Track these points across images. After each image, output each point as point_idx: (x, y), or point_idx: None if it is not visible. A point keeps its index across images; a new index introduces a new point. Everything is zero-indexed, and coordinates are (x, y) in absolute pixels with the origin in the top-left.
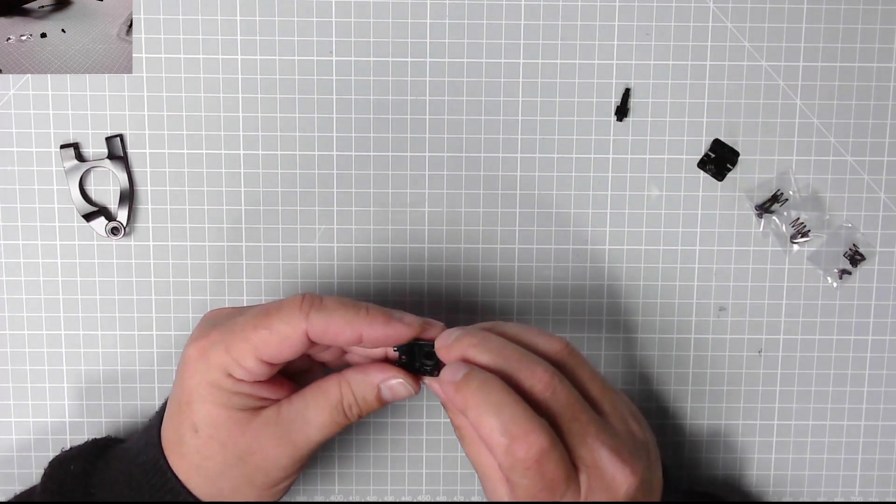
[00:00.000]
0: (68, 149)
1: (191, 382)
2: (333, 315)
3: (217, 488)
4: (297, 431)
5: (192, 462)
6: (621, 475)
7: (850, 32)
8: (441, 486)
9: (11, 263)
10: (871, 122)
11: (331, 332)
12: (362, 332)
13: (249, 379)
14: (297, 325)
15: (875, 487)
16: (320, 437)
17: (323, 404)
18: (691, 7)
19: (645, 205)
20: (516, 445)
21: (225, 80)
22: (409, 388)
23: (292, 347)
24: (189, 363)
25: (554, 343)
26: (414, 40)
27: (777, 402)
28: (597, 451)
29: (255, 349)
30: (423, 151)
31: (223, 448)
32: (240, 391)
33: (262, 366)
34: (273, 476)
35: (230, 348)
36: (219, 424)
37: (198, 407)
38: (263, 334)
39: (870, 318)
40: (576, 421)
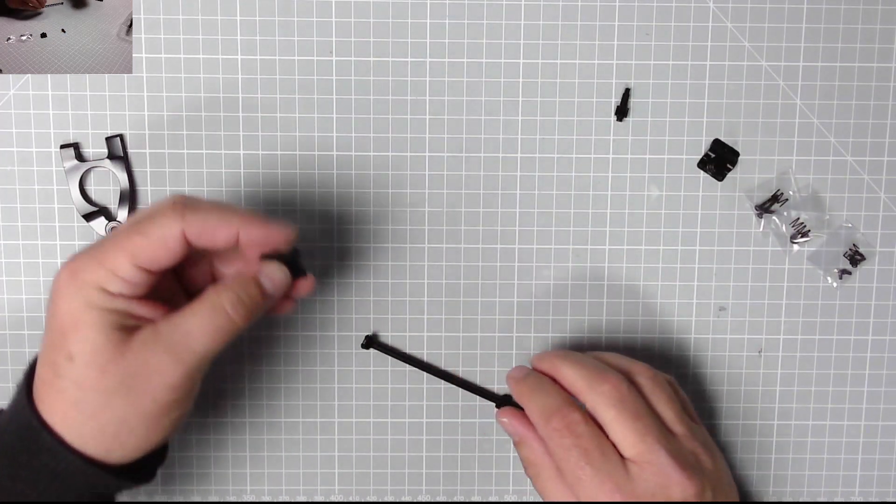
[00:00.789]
0: (68, 149)
1: (63, 308)
2: (210, 213)
3: (99, 424)
4: (180, 343)
5: (70, 398)
6: (678, 477)
7: (850, 32)
8: (441, 486)
9: (12, 263)
10: (871, 122)
11: (208, 231)
12: (239, 230)
13: (127, 291)
14: (173, 225)
15: (875, 487)
16: (204, 347)
17: (202, 310)
18: (691, 7)
19: (645, 205)
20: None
21: (225, 80)
22: (284, 270)
23: (170, 251)
24: (59, 289)
25: (637, 365)
26: (414, 40)
27: (777, 402)
28: (656, 451)
29: (131, 255)
30: (423, 151)
31: (102, 374)
32: (116, 308)
33: (139, 273)
34: (161, 399)
35: (103, 261)
36: (96, 348)
37: (71, 333)
38: (138, 240)
39: (870, 318)
40: (639, 420)
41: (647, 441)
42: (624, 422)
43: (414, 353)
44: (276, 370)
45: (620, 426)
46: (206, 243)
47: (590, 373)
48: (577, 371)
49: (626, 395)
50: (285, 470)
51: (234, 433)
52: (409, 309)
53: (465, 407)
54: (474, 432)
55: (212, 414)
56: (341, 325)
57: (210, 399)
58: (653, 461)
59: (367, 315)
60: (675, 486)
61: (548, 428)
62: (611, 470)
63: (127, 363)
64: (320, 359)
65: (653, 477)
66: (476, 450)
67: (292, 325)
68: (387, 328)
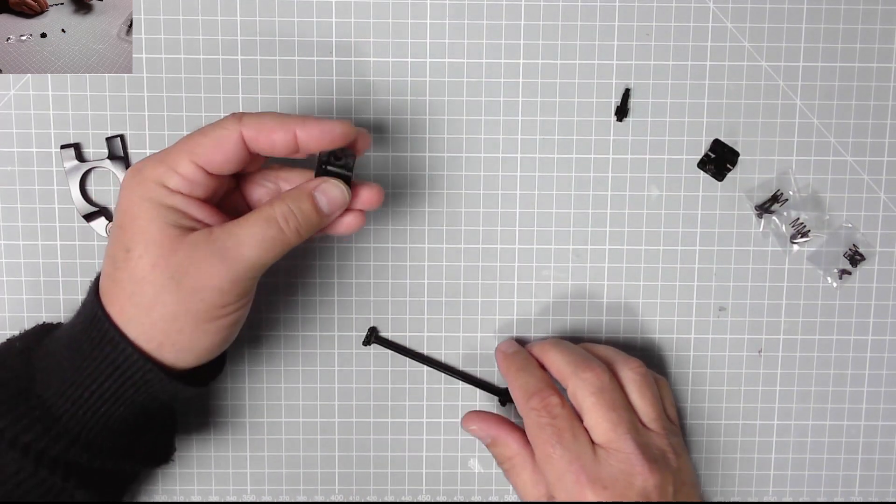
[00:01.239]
0: (69, 149)
1: (124, 203)
2: (266, 116)
3: (152, 319)
4: (230, 249)
5: (126, 290)
6: (641, 468)
7: (850, 32)
8: (441, 486)
9: (12, 263)
10: (871, 123)
11: (264, 133)
12: (296, 131)
13: (185, 189)
14: (231, 126)
15: (875, 487)
16: (254, 255)
17: (254, 219)
18: (691, 7)
19: (645, 205)
20: (533, 400)
21: (225, 81)
22: (342, 188)
23: (227, 151)
24: (124, 186)
25: (630, 361)
26: (414, 41)
27: (777, 402)
28: (625, 440)
29: (191, 153)
30: (424, 152)
31: (154, 267)
32: (173, 204)
33: (197, 171)
34: (209, 301)
35: (164, 158)
36: (149, 241)
37: (129, 225)
38: (198, 138)
39: (870, 318)
40: (614, 411)
41: (617, 431)
42: (599, 409)
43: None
44: (276, 370)
45: (595, 413)
46: (264, 146)
47: (575, 360)
48: (563, 357)
49: (606, 386)
50: (285, 470)
51: (235, 433)
52: (409, 309)
53: (466, 407)
54: None
55: (212, 414)
56: (341, 325)
57: (210, 399)
58: (620, 449)
59: (367, 315)
60: (638, 476)
61: (526, 406)
62: (580, 451)
63: (178, 259)
64: (320, 359)
65: (618, 464)
66: (476, 450)
67: (292, 325)
68: (387, 328)
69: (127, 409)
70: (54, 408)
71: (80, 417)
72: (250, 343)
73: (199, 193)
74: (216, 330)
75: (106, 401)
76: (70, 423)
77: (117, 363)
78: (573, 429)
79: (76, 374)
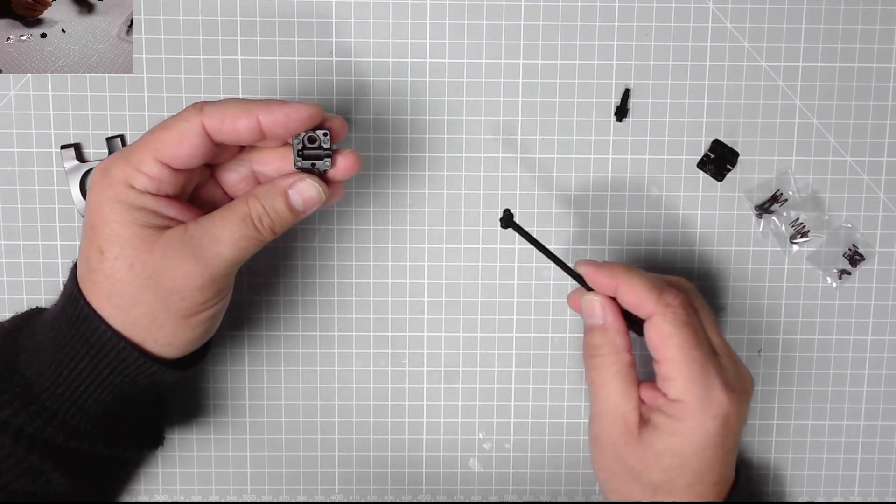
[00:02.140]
0: (69, 149)
1: (94, 203)
2: (228, 104)
3: (132, 318)
4: (207, 248)
5: (103, 291)
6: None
7: (849, 33)
8: (441, 486)
9: (12, 264)
10: (871, 123)
11: (227, 122)
12: (259, 117)
13: (152, 189)
14: (192, 119)
15: (874, 487)
16: (231, 254)
17: (230, 217)
18: (691, 8)
19: (645, 205)
20: (666, 294)
21: (225, 81)
22: (317, 187)
23: (191, 145)
24: (92, 186)
25: (684, 282)
26: (414, 41)
27: (777, 402)
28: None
29: (153, 150)
30: (423, 152)
31: (131, 269)
32: (143, 205)
33: (162, 169)
34: (189, 300)
35: (129, 157)
36: (124, 242)
37: (101, 227)
38: (161, 133)
39: (869, 319)
40: (714, 323)
41: (723, 337)
42: (711, 317)
43: (414, 353)
44: (276, 370)
45: (708, 320)
46: (228, 135)
47: (656, 284)
48: (642, 282)
49: (690, 313)
50: (285, 470)
51: (235, 433)
52: (410, 309)
53: (466, 406)
54: (474, 432)
55: (212, 414)
56: (341, 326)
57: (211, 399)
58: (731, 354)
59: (367, 315)
60: (748, 380)
61: (661, 302)
62: (713, 355)
63: (155, 260)
64: (320, 358)
65: (733, 367)
66: (476, 449)
67: (292, 324)
68: (387, 328)
69: (107, 391)
70: (34, 385)
71: (58, 396)
72: (250, 343)
73: (168, 190)
74: (197, 324)
75: (83, 380)
76: (49, 401)
77: (91, 341)
78: (704, 329)
79: (56, 354)
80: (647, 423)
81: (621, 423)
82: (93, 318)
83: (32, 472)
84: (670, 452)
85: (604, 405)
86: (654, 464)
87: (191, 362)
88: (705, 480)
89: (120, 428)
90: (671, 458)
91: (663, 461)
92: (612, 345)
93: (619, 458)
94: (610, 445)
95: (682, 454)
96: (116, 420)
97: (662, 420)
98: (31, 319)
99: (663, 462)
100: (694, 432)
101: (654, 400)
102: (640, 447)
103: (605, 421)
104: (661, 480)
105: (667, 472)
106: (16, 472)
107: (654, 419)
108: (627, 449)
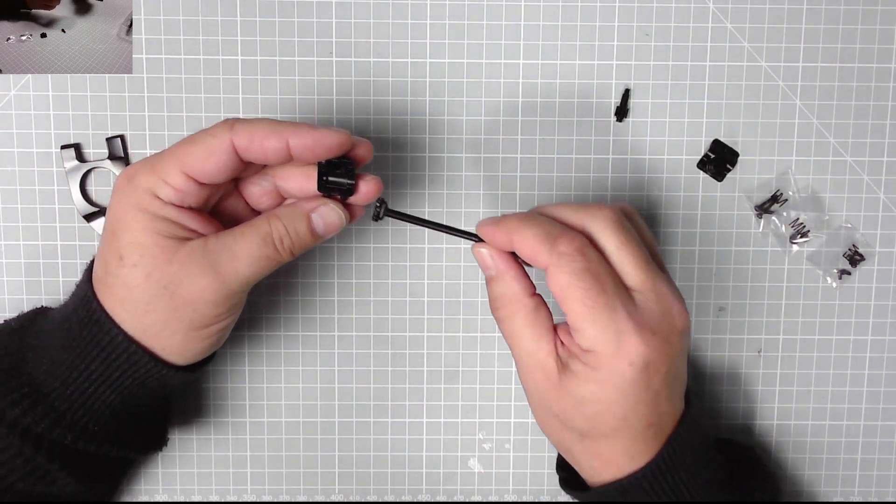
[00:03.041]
0: (69, 149)
1: (117, 209)
2: (258, 124)
3: (144, 325)
4: (225, 263)
5: (118, 295)
6: (679, 307)
7: (849, 33)
8: (441, 486)
9: (12, 264)
10: (871, 123)
11: (256, 141)
12: (288, 139)
13: (176, 200)
14: (222, 135)
15: (874, 487)
16: (248, 272)
17: (251, 235)
18: (691, 8)
19: (645, 205)
20: (559, 242)
21: (225, 81)
22: (339, 213)
23: (217, 161)
24: (116, 191)
25: (603, 209)
26: (414, 41)
27: (777, 402)
28: (658, 281)
29: (180, 163)
30: (424, 152)
31: (147, 278)
32: (166, 216)
33: (188, 182)
34: (202, 312)
35: (156, 167)
36: (143, 251)
37: (122, 234)
38: (188, 147)
39: (869, 318)
40: (640, 250)
41: (648, 271)
42: (629, 250)
43: (414, 353)
44: (276, 370)
45: (625, 254)
46: (256, 154)
47: (551, 231)
48: (536, 231)
49: (620, 225)
50: (285, 470)
51: (235, 433)
52: (409, 309)
53: (466, 406)
54: (474, 432)
55: (212, 414)
56: (341, 326)
57: (211, 399)
58: (655, 289)
59: (367, 315)
60: (676, 316)
61: (554, 252)
62: (623, 296)
63: (173, 270)
64: (320, 359)
65: (656, 305)
66: (476, 449)
67: (292, 324)
68: (387, 328)
69: (116, 393)
70: (43, 385)
71: (67, 396)
72: (250, 343)
73: (191, 202)
74: (206, 336)
75: (93, 382)
76: (57, 401)
77: (102, 344)
78: (610, 272)
79: (65, 354)
80: (567, 368)
81: (540, 372)
82: (105, 322)
83: (39, 472)
84: (591, 400)
85: (520, 355)
86: (577, 411)
87: (198, 365)
88: (633, 425)
89: (126, 429)
90: (592, 405)
91: (586, 408)
92: (511, 293)
93: (546, 407)
94: (535, 394)
95: (602, 401)
96: (123, 421)
97: (579, 367)
98: (37, 318)
99: (586, 409)
100: (611, 380)
101: (571, 346)
102: (561, 394)
103: (525, 371)
104: (586, 427)
105: (590, 420)
106: (22, 471)
107: (571, 366)
108: (550, 396)
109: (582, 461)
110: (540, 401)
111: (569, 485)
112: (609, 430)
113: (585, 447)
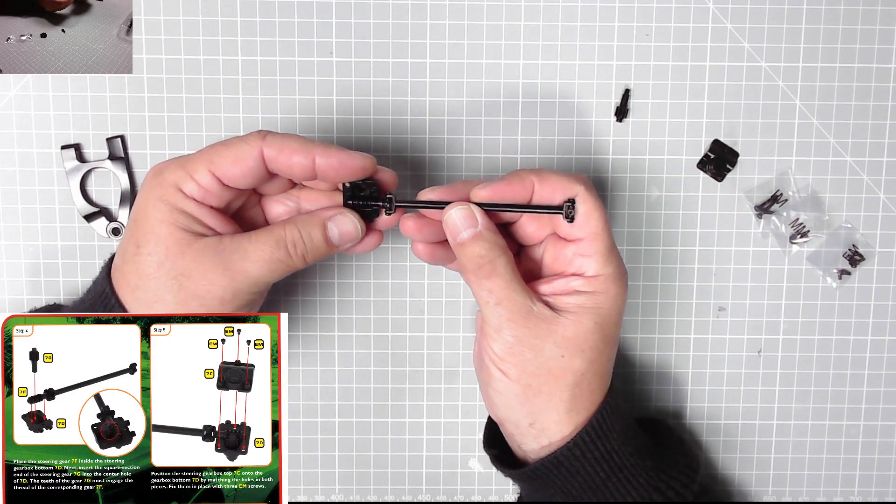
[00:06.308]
0: (69, 149)
1: (141, 200)
2: (290, 138)
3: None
4: (236, 262)
5: (131, 283)
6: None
7: (849, 33)
8: (441, 486)
9: (13, 264)
10: (871, 123)
11: (285, 154)
12: (316, 157)
13: (198, 197)
14: (254, 142)
15: (874, 487)
16: (257, 273)
17: (265, 238)
18: (691, 8)
19: (645, 205)
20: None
21: (225, 81)
22: (355, 223)
23: (245, 166)
24: (144, 184)
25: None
26: (414, 41)
27: (776, 402)
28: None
29: (209, 162)
30: (424, 152)
31: (160, 267)
32: (185, 209)
33: (213, 181)
34: (208, 308)
35: (185, 164)
36: (158, 240)
37: (142, 223)
38: (220, 149)
39: (869, 319)
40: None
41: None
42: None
43: (414, 353)
44: None
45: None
46: (282, 167)
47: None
48: (553, 170)
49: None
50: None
51: None
52: (409, 309)
53: (466, 406)
54: (475, 432)
55: None
56: (341, 326)
57: None
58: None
59: (367, 315)
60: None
61: (580, 181)
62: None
63: (185, 263)
64: (320, 359)
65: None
66: (476, 449)
67: (293, 324)
68: (387, 328)
69: None
70: None
71: None
72: None
73: (212, 202)
74: None
75: None
76: None
77: None
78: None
79: None
80: (564, 311)
81: (536, 318)
82: (116, 308)
83: None
84: (597, 327)
85: (511, 308)
86: (585, 344)
87: None
88: (614, 344)
89: None
90: (598, 332)
91: (592, 339)
92: (499, 245)
93: (539, 351)
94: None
95: (606, 325)
96: None
97: (583, 300)
98: (52, 310)
99: (592, 340)
100: (616, 300)
101: (565, 286)
102: (562, 339)
103: (516, 325)
104: (590, 359)
105: (595, 349)
106: None
107: (571, 304)
108: (549, 345)
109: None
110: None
111: (501, 462)
112: (606, 360)
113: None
